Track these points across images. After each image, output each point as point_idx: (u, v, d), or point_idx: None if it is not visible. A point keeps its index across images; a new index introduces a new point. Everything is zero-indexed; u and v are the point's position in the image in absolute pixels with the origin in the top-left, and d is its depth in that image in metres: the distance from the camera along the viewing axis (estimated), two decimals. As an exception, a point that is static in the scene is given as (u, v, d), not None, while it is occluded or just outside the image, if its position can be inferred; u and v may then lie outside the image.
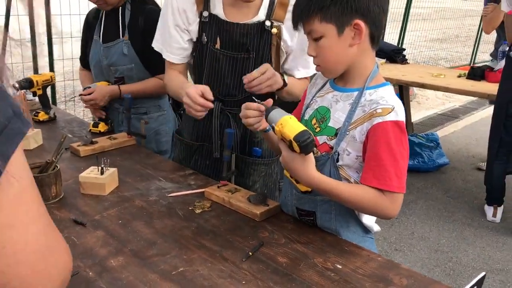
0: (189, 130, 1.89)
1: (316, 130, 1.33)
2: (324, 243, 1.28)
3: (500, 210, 3.49)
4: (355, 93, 1.27)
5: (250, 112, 1.35)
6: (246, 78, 1.55)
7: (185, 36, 1.73)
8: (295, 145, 1.15)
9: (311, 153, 1.19)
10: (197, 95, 1.51)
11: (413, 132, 4.86)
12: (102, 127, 2.17)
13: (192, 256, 1.21)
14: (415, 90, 6.76)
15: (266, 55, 1.69)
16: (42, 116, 2.28)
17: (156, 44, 1.80)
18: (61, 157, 1.58)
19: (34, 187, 0.55)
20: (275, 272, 1.15)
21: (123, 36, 2.16)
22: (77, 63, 2.51)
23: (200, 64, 1.77)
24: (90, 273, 1.13)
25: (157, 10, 2.10)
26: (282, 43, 1.70)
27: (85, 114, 4.65)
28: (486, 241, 3.22)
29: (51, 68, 3.89)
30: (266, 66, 1.58)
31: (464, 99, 6.97)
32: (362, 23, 1.20)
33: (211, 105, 1.52)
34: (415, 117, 5.93)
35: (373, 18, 1.21)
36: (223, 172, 1.57)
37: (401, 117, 1.21)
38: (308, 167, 1.20)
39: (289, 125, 1.18)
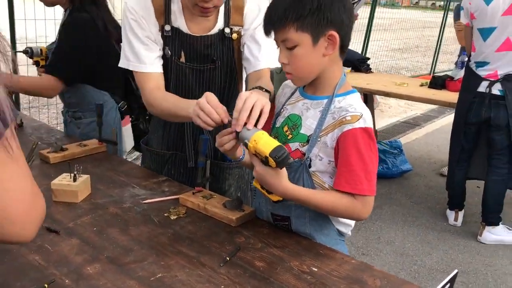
0: (159, 139, 1.88)
1: (289, 137, 1.36)
2: (300, 247, 1.31)
3: (461, 214, 3.62)
4: (325, 101, 1.32)
5: (225, 139, 1.30)
6: (237, 127, 1.25)
7: (155, 46, 1.66)
8: (271, 161, 1.17)
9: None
10: (218, 103, 1.33)
11: (377, 140, 4.98)
12: (42, 61, 2.25)
13: (169, 262, 1.22)
14: (378, 98, 6.92)
15: (230, 62, 1.71)
16: (8, 122, 2.23)
17: (125, 62, 1.68)
18: (31, 164, 1.55)
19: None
20: (252, 276, 1.17)
21: None
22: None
23: (166, 78, 1.72)
24: (67, 281, 1.12)
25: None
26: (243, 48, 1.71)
27: (50, 121, 4.55)
28: (448, 244, 3.34)
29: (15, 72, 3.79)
30: (240, 96, 1.28)
31: (425, 107, 7.19)
32: (336, 34, 1.24)
33: (225, 122, 1.32)
34: (379, 124, 6.08)
35: (345, 29, 1.26)
36: (197, 179, 1.58)
37: (369, 123, 1.25)
38: (282, 180, 1.23)
39: (263, 141, 1.19)
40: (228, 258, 1.23)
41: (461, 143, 3.46)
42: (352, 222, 1.42)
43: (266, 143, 1.19)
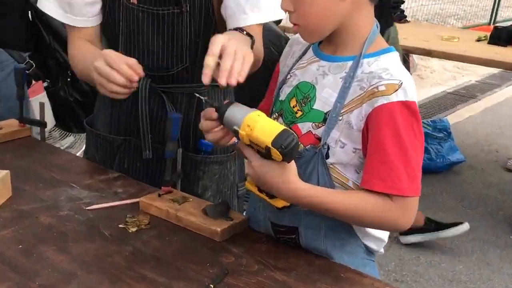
0: (106, 119, 1.90)
1: (297, 115, 1.39)
2: (312, 269, 1.35)
3: (535, 224, 3.69)
4: (349, 63, 1.34)
5: (211, 123, 1.32)
6: (205, 77, 1.30)
7: None
8: (275, 152, 1.19)
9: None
10: (119, 59, 1.46)
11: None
12: None
13: (129, 291, 1.25)
14: (415, 59, 6.96)
15: (205, 7, 1.69)
16: None
17: (47, 4, 1.75)
18: None
19: None
20: (247, 311, 1.20)
21: None
22: None
23: (113, 26, 1.75)
24: (-16, 320, 1.14)
25: None
26: None
27: None
28: (516, 266, 3.41)
29: None
30: (215, 40, 1.33)
31: (482, 72, 7.25)
32: None
33: (135, 80, 1.47)
34: (417, 97, 6.10)
35: None
36: (165, 175, 1.60)
37: (412, 96, 1.27)
38: (289, 177, 1.26)
39: (260, 125, 1.21)
40: (211, 286, 1.26)
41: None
42: (385, 235, 1.46)
43: (264, 128, 1.21)
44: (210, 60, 1.28)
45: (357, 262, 1.41)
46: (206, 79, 1.27)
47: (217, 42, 1.30)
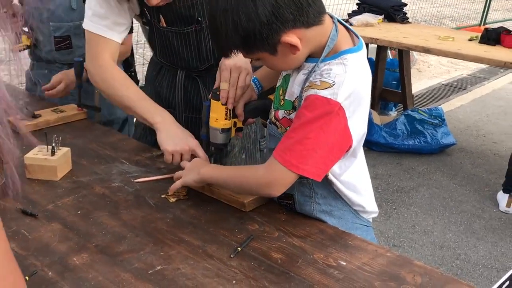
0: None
1: (281, 103, 1.42)
2: (324, 237, 1.36)
3: (515, 200, 3.66)
4: (312, 65, 1.33)
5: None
6: (223, 99, 1.51)
7: (124, 4, 1.72)
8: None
9: None
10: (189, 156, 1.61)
11: (413, 106, 5.00)
12: (25, 40, 2.27)
13: (170, 252, 1.26)
14: (415, 55, 6.90)
15: None
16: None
17: (86, 21, 1.75)
18: None
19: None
20: (269, 270, 1.21)
21: None
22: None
23: (151, 38, 1.86)
24: (50, 273, 1.17)
25: None
26: None
27: (12, 80, 4.57)
28: (498, 235, 3.39)
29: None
30: (222, 73, 1.53)
31: (473, 67, 7.17)
32: (289, 37, 1.23)
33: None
34: (416, 87, 6.08)
35: (294, 17, 1.23)
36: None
37: (341, 98, 1.25)
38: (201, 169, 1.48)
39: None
40: (239, 249, 1.28)
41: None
42: (368, 205, 1.46)
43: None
44: (224, 85, 1.50)
45: (346, 226, 1.43)
46: (224, 101, 1.50)
47: (225, 69, 1.51)
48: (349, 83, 1.26)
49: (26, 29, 2.34)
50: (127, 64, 2.43)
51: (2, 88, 0.54)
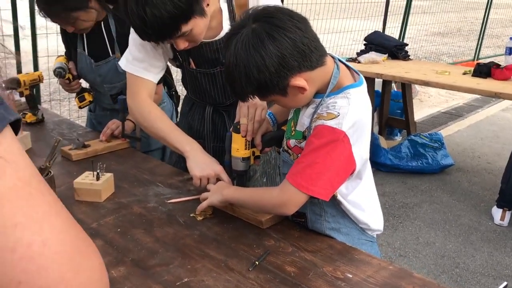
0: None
1: (292, 134, 1.39)
2: (333, 251, 1.31)
3: (508, 214, 3.53)
4: (319, 100, 1.30)
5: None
6: (243, 132, 1.51)
7: (159, 49, 1.72)
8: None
9: None
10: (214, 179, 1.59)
11: (416, 132, 4.91)
12: (88, 97, 2.24)
13: (196, 265, 1.23)
14: (417, 87, 6.82)
15: None
16: (29, 117, 2.28)
17: (123, 61, 1.75)
18: (54, 162, 1.59)
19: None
20: (283, 282, 1.17)
21: (113, 53, 2.13)
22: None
23: (183, 78, 1.88)
24: (91, 285, 1.14)
25: None
26: None
27: (71, 114, 4.65)
28: (494, 246, 3.27)
29: (35, 64, 3.88)
30: (241, 109, 1.52)
31: (468, 97, 7.03)
32: (296, 81, 1.21)
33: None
34: (418, 115, 5.98)
35: (298, 63, 1.20)
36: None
37: (345, 127, 1.21)
38: (223, 190, 1.46)
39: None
40: (257, 262, 1.24)
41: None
42: (373, 222, 1.41)
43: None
44: (244, 120, 1.49)
45: (352, 242, 1.38)
46: (244, 133, 1.49)
47: (244, 106, 1.50)
48: (352, 114, 1.23)
49: (88, 86, 2.36)
50: (168, 85, 2.43)
51: None
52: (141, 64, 1.70)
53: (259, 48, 1.17)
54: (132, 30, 1.65)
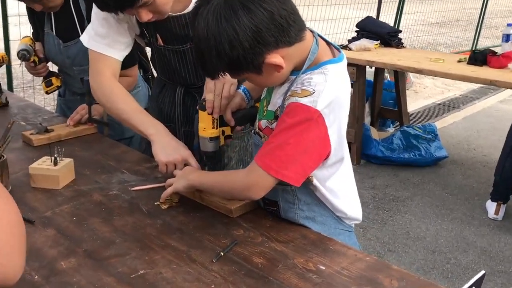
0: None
1: (264, 114, 1.31)
2: (306, 242, 1.24)
3: (503, 207, 3.49)
4: (294, 77, 1.23)
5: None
6: (209, 109, 1.42)
7: (124, 24, 1.64)
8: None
9: None
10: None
11: (409, 123, 4.86)
12: (56, 81, 2.18)
13: (155, 257, 1.16)
14: (412, 78, 6.77)
15: None
16: (-9, 101, 2.20)
17: (85, 37, 1.67)
18: (8, 145, 1.51)
19: None
20: (249, 274, 1.10)
21: (83, 33, 2.04)
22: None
23: (152, 57, 1.80)
24: (36, 277, 1.07)
25: None
26: None
27: (47, 103, 4.55)
28: (487, 241, 3.22)
29: (7, 52, 3.78)
30: (208, 85, 1.44)
31: (464, 88, 7.00)
32: (273, 58, 1.13)
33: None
34: (412, 107, 5.93)
35: (275, 38, 1.12)
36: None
37: (321, 106, 1.14)
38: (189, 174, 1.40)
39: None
40: (222, 253, 1.17)
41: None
42: (350, 210, 1.34)
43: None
44: (210, 96, 1.40)
45: (328, 231, 1.30)
46: (210, 110, 1.40)
47: (210, 81, 1.40)
48: (329, 91, 1.15)
49: (57, 70, 2.27)
50: (144, 68, 2.35)
51: None
52: (104, 40, 1.61)
53: (232, 20, 1.09)
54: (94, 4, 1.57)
